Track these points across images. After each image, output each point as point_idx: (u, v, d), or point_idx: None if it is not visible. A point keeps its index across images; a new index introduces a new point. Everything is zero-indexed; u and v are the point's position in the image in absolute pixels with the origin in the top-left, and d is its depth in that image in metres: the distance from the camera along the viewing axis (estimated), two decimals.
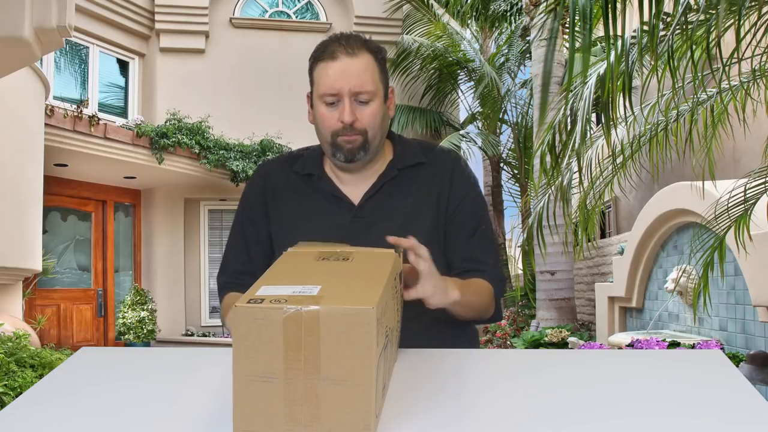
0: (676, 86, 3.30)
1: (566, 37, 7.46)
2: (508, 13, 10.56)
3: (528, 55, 9.65)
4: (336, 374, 0.80)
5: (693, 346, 4.27)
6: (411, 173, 1.44)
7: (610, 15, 2.76)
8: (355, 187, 1.43)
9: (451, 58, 9.96)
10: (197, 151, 8.70)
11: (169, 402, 0.98)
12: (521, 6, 9.71)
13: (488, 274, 1.41)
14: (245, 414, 0.82)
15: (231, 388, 0.82)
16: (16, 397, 2.46)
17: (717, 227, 3.47)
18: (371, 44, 1.37)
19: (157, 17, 9.61)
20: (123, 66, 9.75)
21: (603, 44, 6.25)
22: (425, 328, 1.29)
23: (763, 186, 3.30)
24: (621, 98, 3.44)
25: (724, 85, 3.74)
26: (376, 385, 0.82)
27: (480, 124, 10.73)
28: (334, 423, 0.81)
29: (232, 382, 0.82)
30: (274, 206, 1.46)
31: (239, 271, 1.47)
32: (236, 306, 0.81)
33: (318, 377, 0.80)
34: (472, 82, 10.22)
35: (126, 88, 9.77)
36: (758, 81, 3.70)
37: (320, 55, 1.36)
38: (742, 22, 3.00)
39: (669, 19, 3.37)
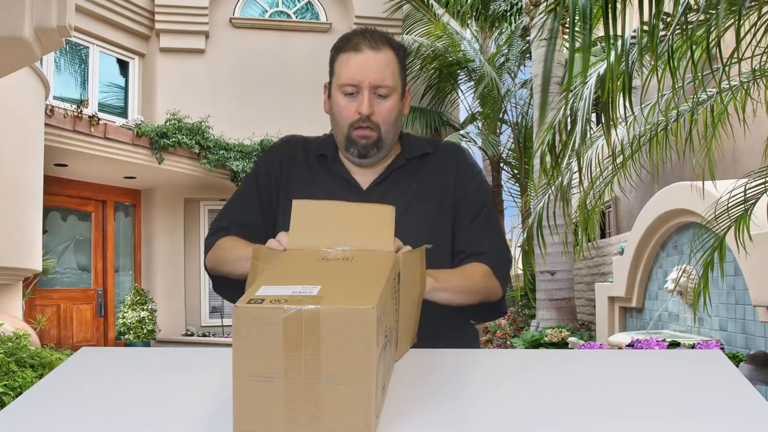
0: (676, 86, 3.30)
1: (566, 37, 7.46)
2: (508, 13, 10.56)
3: (528, 55, 9.65)
4: (336, 374, 0.80)
5: (693, 346, 4.27)
6: (418, 162, 1.48)
7: (610, 15, 2.76)
8: (364, 176, 1.47)
9: (451, 58, 9.96)
10: (197, 151, 8.70)
11: (169, 402, 0.98)
12: (521, 6, 9.71)
13: (487, 255, 1.41)
14: (245, 414, 0.82)
15: (231, 388, 0.82)
16: (16, 397, 2.46)
17: (717, 227, 3.47)
18: (394, 42, 1.41)
19: (157, 17, 9.61)
20: (123, 66, 9.75)
21: (603, 44, 6.25)
22: (425, 327, 1.29)
23: (763, 186, 3.30)
24: (621, 98, 3.44)
25: (724, 85, 3.74)
26: (376, 384, 0.82)
27: (480, 124, 10.74)
28: (335, 423, 0.81)
29: (232, 382, 0.82)
30: (287, 177, 1.49)
31: (236, 222, 1.47)
32: (236, 306, 0.81)
33: (318, 377, 0.80)
34: (472, 82, 10.22)
35: (126, 88, 9.77)
36: (758, 81, 3.70)
37: (344, 46, 1.38)
38: (742, 22, 3.00)
39: (669, 19, 3.37)
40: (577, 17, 2.86)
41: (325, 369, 0.80)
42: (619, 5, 2.81)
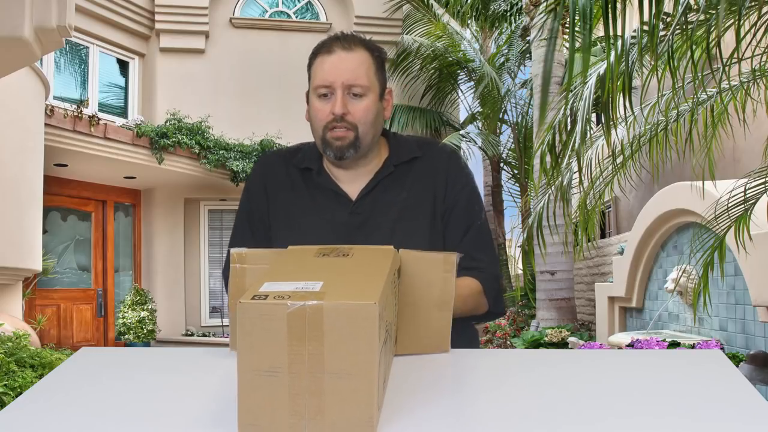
0: (676, 86, 3.30)
1: (566, 37, 7.46)
2: (508, 13, 10.56)
3: (528, 55, 9.65)
4: (339, 368, 0.81)
5: (693, 346, 4.27)
6: (406, 168, 1.45)
7: (610, 15, 2.76)
8: (352, 183, 1.44)
9: (451, 58, 9.96)
10: (197, 151, 8.70)
11: (170, 401, 0.98)
12: (521, 6, 9.71)
13: (481, 272, 1.41)
14: (250, 408, 0.83)
15: (231, 387, 0.83)
16: (16, 397, 2.46)
17: (717, 227, 3.47)
18: (369, 43, 1.39)
19: (157, 17, 9.61)
20: (123, 66, 9.75)
21: (603, 44, 6.25)
22: None
23: (763, 186, 3.30)
24: (621, 98, 3.44)
25: (724, 85, 3.74)
26: (378, 378, 0.83)
27: (480, 124, 10.74)
28: (338, 416, 0.82)
29: (237, 376, 0.83)
30: (273, 200, 1.47)
31: None
32: (240, 302, 0.82)
33: (322, 371, 0.82)
34: (472, 82, 10.23)
35: (126, 88, 9.77)
36: (758, 81, 3.70)
37: (318, 50, 1.39)
38: (742, 22, 3.00)
39: (669, 19, 3.37)
40: (577, 17, 2.86)
41: (328, 363, 0.81)
42: (619, 5, 2.81)
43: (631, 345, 4.31)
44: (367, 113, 1.36)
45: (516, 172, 10.48)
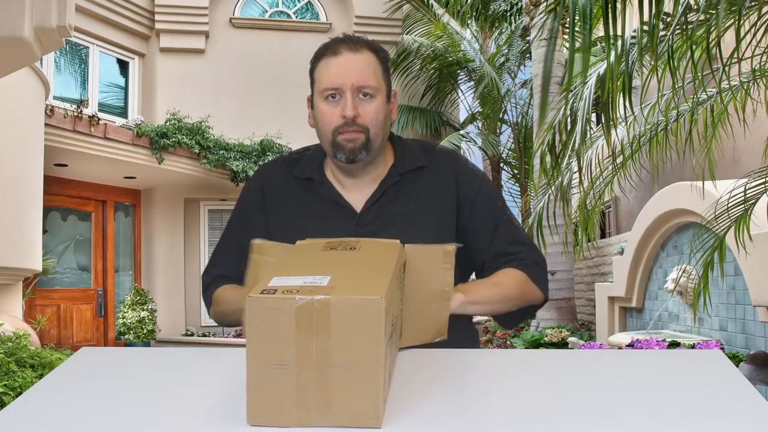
0: (676, 86, 3.30)
1: (566, 37, 7.46)
2: (508, 13, 10.56)
3: (528, 55, 9.65)
4: (346, 362, 0.83)
5: (693, 346, 4.27)
6: (413, 177, 1.41)
7: (610, 15, 2.76)
8: (356, 192, 1.40)
9: (451, 58, 9.96)
10: (197, 151, 8.70)
11: (170, 401, 0.98)
12: (521, 6, 9.71)
13: (518, 259, 1.38)
14: (258, 400, 0.84)
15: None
16: (16, 397, 2.46)
17: (717, 227, 3.47)
18: (374, 44, 1.37)
19: (157, 17, 9.61)
20: (123, 66, 9.75)
21: (603, 44, 6.25)
22: None
23: (763, 186, 3.30)
24: (621, 98, 3.44)
25: (724, 85, 3.74)
26: (384, 372, 0.84)
27: (480, 124, 10.74)
28: (344, 408, 0.83)
29: (246, 369, 0.84)
30: (273, 212, 1.43)
31: (223, 275, 1.49)
32: (250, 296, 0.83)
33: (329, 365, 0.83)
34: (472, 82, 10.23)
35: (126, 88, 9.77)
36: (758, 81, 3.70)
37: (323, 52, 1.35)
38: (742, 22, 3.00)
39: (669, 19, 3.37)
40: (577, 17, 2.86)
41: (335, 357, 0.83)
42: (619, 5, 2.81)
43: (631, 345, 4.31)
44: (377, 115, 1.32)
45: (516, 172, 10.49)
